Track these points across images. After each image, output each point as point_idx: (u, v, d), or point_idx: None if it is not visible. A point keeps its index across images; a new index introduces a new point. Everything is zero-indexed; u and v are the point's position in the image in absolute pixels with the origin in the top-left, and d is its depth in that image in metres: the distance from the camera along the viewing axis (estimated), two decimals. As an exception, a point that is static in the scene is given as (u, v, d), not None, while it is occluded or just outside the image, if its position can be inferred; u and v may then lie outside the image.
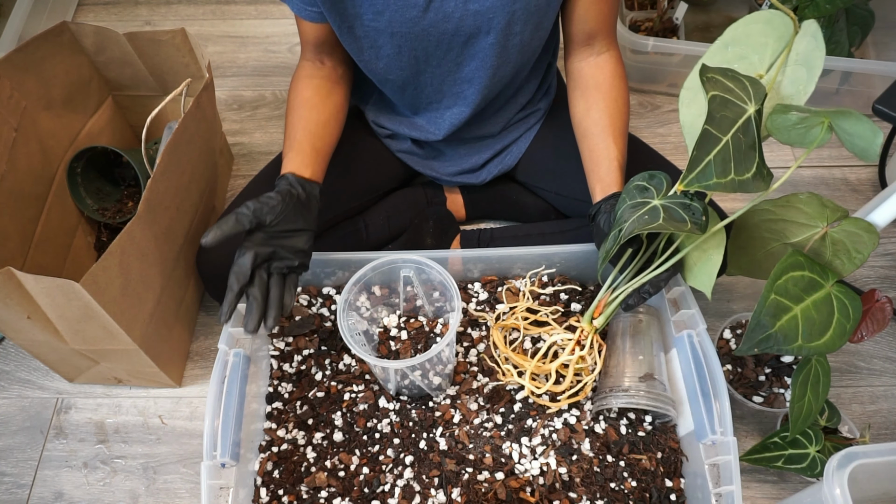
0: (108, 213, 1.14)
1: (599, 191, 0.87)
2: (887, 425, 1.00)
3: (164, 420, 1.02)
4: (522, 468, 0.86)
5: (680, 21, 1.37)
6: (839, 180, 1.27)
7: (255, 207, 0.77)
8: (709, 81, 0.66)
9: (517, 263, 1.00)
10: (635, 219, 0.72)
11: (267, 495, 0.86)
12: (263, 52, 1.51)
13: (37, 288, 0.76)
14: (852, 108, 0.63)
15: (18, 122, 0.94)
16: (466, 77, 0.91)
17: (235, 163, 1.32)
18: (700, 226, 0.71)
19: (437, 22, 0.82)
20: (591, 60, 0.91)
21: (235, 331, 0.89)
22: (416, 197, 1.15)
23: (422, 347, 0.91)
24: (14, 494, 0.96)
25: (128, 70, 1.07)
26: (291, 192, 0.82)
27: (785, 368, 0.96)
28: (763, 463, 0.87)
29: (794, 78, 0.73)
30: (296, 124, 0.89)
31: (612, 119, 0.89)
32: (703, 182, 0.64)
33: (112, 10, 1.60)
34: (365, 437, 0.90)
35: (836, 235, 0.77)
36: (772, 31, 0.74)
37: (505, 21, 0.82)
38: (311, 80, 0.92)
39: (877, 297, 0.78)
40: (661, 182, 0.76)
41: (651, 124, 1.37)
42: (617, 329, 0.91)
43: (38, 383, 1.06)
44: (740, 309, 1.11)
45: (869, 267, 1.17)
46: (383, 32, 0.83)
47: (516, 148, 1.09)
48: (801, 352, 0.71)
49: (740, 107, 0.66)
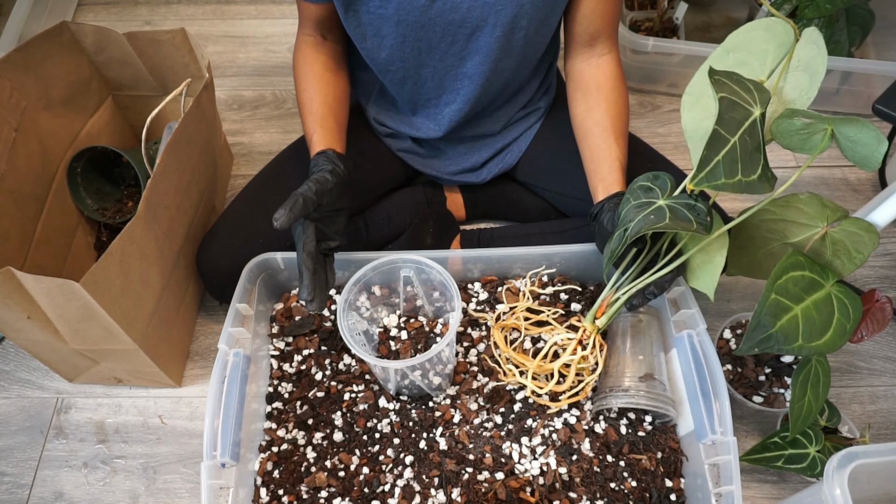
0: (108, 213, 1.14)
1: (601, 190, 0.87)
2: (887, 425, 1.00)
3: (164, 420, 1.02)
4: (522, 468, 0.86)
5: (680, 21, 1.37)
6: (839, 180, 1.27)
7: (317, 189, 0.78)
8: (717, 83, 0.66)
9: (517, 263, 1.00)
10: (641, 218, 0.72)
11: (267, 495, 0.86)
12: (263, 52, 1.51)
13: (37, 288, 0.76)
14: (853, 109, 0.63)
15: (18, 122, 0.94)
16: (468, 72, 0.91)
17: (235, 163, 1.32)
18: (705, 226, 0.71)
19: (445, 11, 0.82)
20: (593, 62, 0.91)
21: (235, 331, 0.89)
22: (416, 197, 1.15)
23: (422, 347, 0.91)
24: (14, 494, 0.96)
25: (128, 70, 1.07)
26: (337, 171, 0.83)
27: (785, 368, 0.96)
28: (763, 463, 0.87)
29: (796, 84, 0.74)
30: (314, 99, 0.89)
31: (614, 120, 0.89)
32: (713, 182, 0.65)
33: (112, 10, 1.60)
34: (365, 437, 0.90)
35: (836, 235, 0.77)
36: (773, 38, 0.74)
37: (512, 14, 0.82)
38: (318, 55, 0.92)
39: (877, 297, 0.78)
40: (665, 182, 0.76)
41: (651, 124, 1.37)
42: (617, 329, 0.91)
43: (38, 383, 1.06)
44: (740, 309, 1.11)
45: (869, 267, 1.17)
46: (389, 20, 0.83)
47: (516, 147, 1.09)
48: (801, 352, 0.71)
49: (747, 109, 0.66)
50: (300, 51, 0.93)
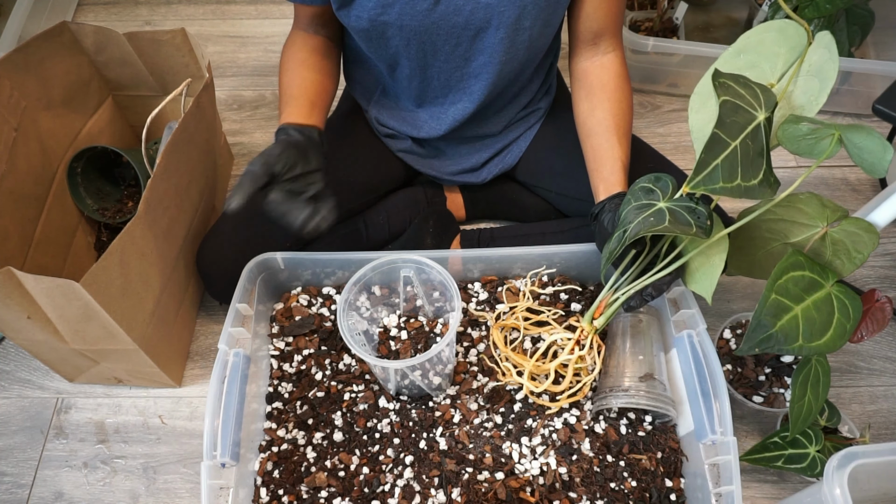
0: (108, 213, 1.14)
1: (603, 190, 0.87)
2: (887, 425, 1.00)
3: (164, 420, 1.02)
4: (522, 468, 0.86)
5: (680, 21, 1.37)
6: (839, 180, 1.27)
7: (262, 161, 0.78)
8: (721, 86, 0.66)
9: (517, 263, 1.00)
10: (640, 220, 0.72)
11: (267, 495, 0.86)
12: (263, 52, 1.51)
13: (37, 288, 0.76)
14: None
15: (18, 122, 0.94)
16: (474, 72, 0.91)
17: (235, 163, 1.32)
18: (705, 230, 0.71)
19: (448, 15, 0.82)
20: (597, 60, 0.91)
21: (235, 331, 0.89)
22: (416, 197, 1.14)
23: (422, 347, 0.91)
24: (14, 494, 0.96)
25: (128, 70, 1.07)
26: (290, 140, 0.82)
27: (785, 368, 0.96)
28: (763, 463, 0.86)
29: (807, 88, 0.73)
30: (290, 83, 0.90)
31: (617, 119, 0.89)
32: (710, 185, 0.64)
33: (112, 10, 1.60)
34: (365, 437, 0.90)
35: (836, 235, 0.77)
36: (784, 40, 0.73)
37: (515, 15, 0.82)
38: (305, 44, 0.92)
39: (877, 297, 0.78)
40: (666, 185, 0.76)
41: (651, 124, 1.37)
42: (617, 329, 0.91)
43: (38, 383, 1.06)
44: (740, 309, 1.11)
45: (869, 267, 1.17)
46: (392, 25, 0.83)
47: (517, 147, 1.09)
48: (801, 352, 0.71)
49: (751, 113, 0.66)
50: (288, 43, 0.94)
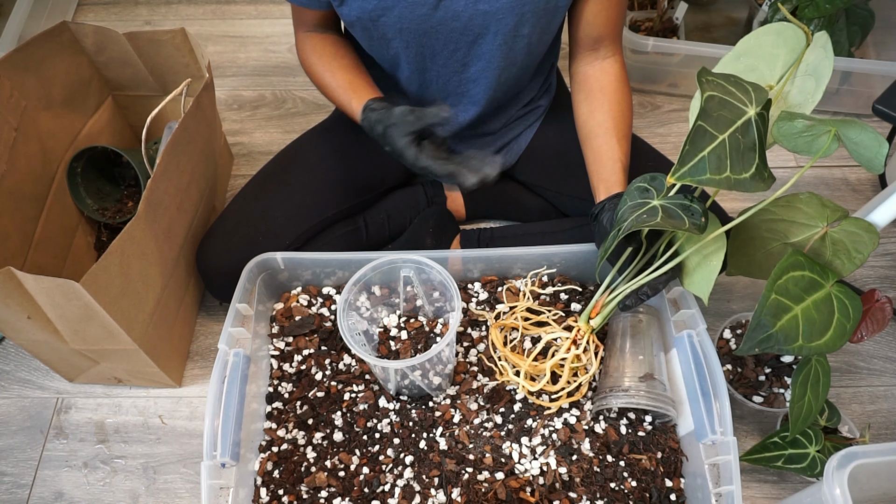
0: (108, 213, 1.14)
1: (603, 190, 0.87)
2: (887, 425, 1.00)
3: (164, 420, 1.02)
4: (522, 468, 0.86)
5: (680, 21, 1.37)
6: (839, 180, 1.27)
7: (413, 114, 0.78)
8: (707, 83, 0.66)
9: (517, 263, 1.00)
10: (634, 217, 0.72)
11: (267, 495, 0.86)
12: (263, 52, 1.51)
13: (37, 288, 0.76)
14: (853, 109, 0.63)
15: (18, 122, 0.94)
16: (472, 77, 0.91)
17: (235, 163, 1.32)
18: (699, 226, 0.71)
19: (446, 20, 0.82)
20: (597, 65, 0.91)
21: (236, 331, 0.89)
22: (416, 196, 1.15)
23: (422, 347, 0.91)
24: (14, 494, 0.96)
25: (128, 70, 1.07)
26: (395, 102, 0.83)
27: (785, 368, 0.96)
28: (763, 463, 0.86)
29: (803, 88, 0.74)
30: (336, 73, 0.90)
31: (617, 122, 0.89)
32: (697, 176, 0.64)
33: (112, 10, 1.60)
34: (365, 437, 0.90)
35: (836, 235, 0.77)
36: (783, 43, 0.74)
37: (513, 23, 0.82)
38: (323, 41, 0.93)
39: (877, 297, 0.78)
40: (661, 183, 0.76)
41: (651, 124, 1.37)
42: (617, 329, 0.91)
43: (38, 383, 1.06)
44: (740, 309, 1.11)
45: (869, 267, 1.17)
46: (392, 28, 0.84)
47: (517, 145, 1.09)
48: (801, 352, 0.71)
49: (740, 108, 0.66)
50: (304, 45, 0.94)
